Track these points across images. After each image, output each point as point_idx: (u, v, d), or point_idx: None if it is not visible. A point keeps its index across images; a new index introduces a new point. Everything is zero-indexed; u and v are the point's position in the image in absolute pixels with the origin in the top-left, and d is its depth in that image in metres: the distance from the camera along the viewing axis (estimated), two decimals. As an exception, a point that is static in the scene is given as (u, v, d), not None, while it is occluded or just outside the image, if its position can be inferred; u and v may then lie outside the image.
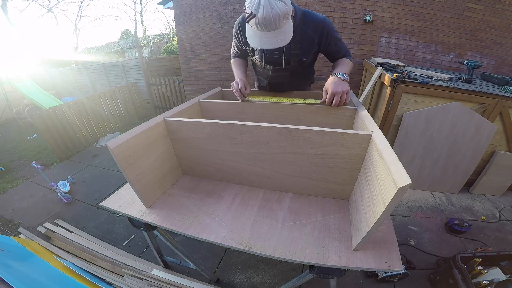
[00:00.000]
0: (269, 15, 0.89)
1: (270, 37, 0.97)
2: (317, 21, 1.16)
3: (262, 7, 0.88)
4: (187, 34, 3.91)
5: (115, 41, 15.99)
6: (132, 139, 0.87)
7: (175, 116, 1.13)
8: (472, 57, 2.98)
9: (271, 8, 0.88)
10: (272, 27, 0.93)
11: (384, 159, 0.65)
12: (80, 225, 2.10)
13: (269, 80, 1.44)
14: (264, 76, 1.46)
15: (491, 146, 2.10)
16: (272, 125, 0.89)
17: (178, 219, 0.93)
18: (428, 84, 1.88)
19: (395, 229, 0.85)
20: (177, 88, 4.79)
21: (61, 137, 3.43)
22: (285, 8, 0.91)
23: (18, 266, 1.31)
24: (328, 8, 3.00)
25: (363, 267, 0.71)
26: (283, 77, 1.39)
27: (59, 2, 13.31)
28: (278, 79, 1.41)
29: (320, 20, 1.16)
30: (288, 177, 1.01)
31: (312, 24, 1.15)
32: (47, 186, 2.62)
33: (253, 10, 0.90)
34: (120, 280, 1.40)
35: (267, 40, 0.98)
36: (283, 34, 0.98)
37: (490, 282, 1.26)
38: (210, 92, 1.59)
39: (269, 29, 0.94)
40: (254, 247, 0.79)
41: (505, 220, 2.03)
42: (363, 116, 1.02)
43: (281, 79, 1.40)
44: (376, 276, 1.51)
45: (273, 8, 0.88)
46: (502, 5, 2.72)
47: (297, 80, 1.44)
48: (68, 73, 6.49)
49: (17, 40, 13.10)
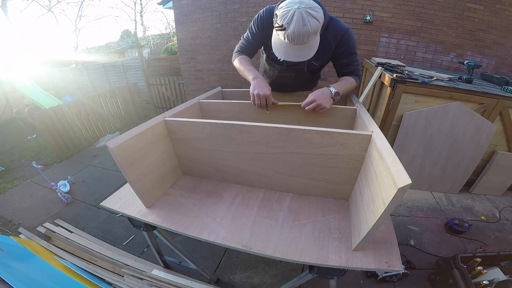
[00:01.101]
0: (299, 32, 0.88)
1: (295, 50, 0.97)
2: (340, 29, 1.15)
3: (295, 23, 0.87)
4: (187, 34, 3.90)
5: (115, 41, 16.00)
6: (132, 139, 0.87)
7: (175, 116, 1.13)
8: (472, 57, 2.98)
9: (303, 25, 0.87)
10: (299, 42, 0.93)
11: (384, 159, 0.65)
12: (80, 225, 2.10)
13: (273, 80, 1.44)
14: (270, 74, 1.45)
15: (491, 146, 2.10)
16: (272, 125, 0.89)
17: (178, 219, 0.93)
18: (428, 84, 1.88)
19: (395, 229, 0.85)
20: (177, 88, 4.79)
21: (61, 137, 3.43)
22: (317, 25, 0.90)
23: (18, 266, 1.31)
24: (328, 8, 2.98)
25: (363, 267, 0.71)
26: (288, 78, 1.38)
27: (59, 2, 13.31)
28: (283, 79, 1.40)
29: (344, 29, 1.15)
30: (288, 177, 1.01)
31: (334, 31, 1.14)
32: (47, 186, 2.62)
33: (284, 23, 0.88)
34: (120, 280, 1.40)
35: (292, 52, 0.98)
36: (308, 50, 0.98)
37: (490, 282, 1.26)
38: (210, 92, 1.59)
39: (295, 43, 0.93)
40: (254, 247, 0.79)
41: (505, 220, 2.03)
42: (363, 116, 1.02)
43: (286, 80, 1.40)
44: (376, 276, 1.51)
45: (305, 25, 0.87)
46: (502, 5, 2.72)
47: (300, 83, 1.44)
48: (68, 73, 6.49)
49: (17, 40, 13.10)
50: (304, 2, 0.88)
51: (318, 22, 0.90)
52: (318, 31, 0.94)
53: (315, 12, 0.88)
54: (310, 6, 0.88)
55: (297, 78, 1.36)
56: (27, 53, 9.91)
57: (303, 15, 0.86)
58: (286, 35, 0.91)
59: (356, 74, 1.28)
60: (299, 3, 0.87)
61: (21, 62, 6.92)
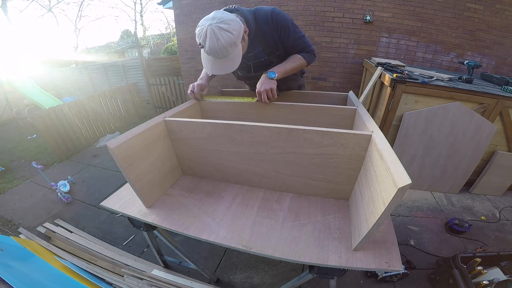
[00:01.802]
0: (215, 47, 0.94)
1: (220, 63, 1.04)
2: (265, 15, 1.15)
3: (209, 40, 0.93)
4: (187, 34, 3.90)
5: (115, 41, 16.00)
6: (132, 139, 0.87)
7: (175, 116, 1.13)
8: (472, 57, 2.98)
9: (217, 40, 0.93)
10: (220, 56, 0.99)
11: (384, 159, 0.65)
12: (80, 225, 2.10)
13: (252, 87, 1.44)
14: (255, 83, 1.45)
15: (491, 146, 2.10)
16: (272, 125, 0.89)
17: (178, 219, 0.93)
18: (428, 84, 1.88)
19: (395, 229, 0.85)
20: (177, 88, 4.79)
21: (61, 137, 3.43)
22: (230, 38, 0.95)
23: (18, 266, 1.31)
24: (328, 8, 3.00)
25: (363, 267, 0.71)
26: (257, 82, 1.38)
27: (59, 2, 13.31)
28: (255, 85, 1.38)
29: (268, 12, 1.15)
30: (288, 177, 1.01)
31: (263, 20, 1.16)
32: (47, 186, 2.62)
33: (201, 41, 0.96)
34: (120, 280, 1.40)
35: (217, 66, 1.06)
36: (231, 61, 1.04)
37: (490, 282, 1.26)
38: (210, 92, 1.59)
39: (218, 57, 1.01)
40: (254, 247, 0.79)
41: (505, 220, 2.03)
42: (363, 116, 1.02)
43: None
44: (376, 276, 1.51)
45: (218, 40, 0.93)
46: (502, 5, 2.72)
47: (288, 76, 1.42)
48: (68, 73, 6.48)
49: (17, 40, 13.10)
50: (216, 18, 0.94)
51: (232, 34, 0.95)
52: (236, 42, 0.98)
53: (226, 25, 0.93)
54: (222, 20, 0.93)
55: None
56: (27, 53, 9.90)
57: (214, 31, 0.92)
58: (206, 51, 0.98)
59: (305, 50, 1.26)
60: (211, 19, 0.93)
61: (21, 62, 6.91)
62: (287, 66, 1.24)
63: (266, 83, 1.17)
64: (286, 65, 1.24)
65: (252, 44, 1.18)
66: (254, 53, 1.25)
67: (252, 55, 1.26)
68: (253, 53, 1.25)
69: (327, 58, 3.24)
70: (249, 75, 1.39)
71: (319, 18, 3.05)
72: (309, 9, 3.06)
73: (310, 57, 1.29)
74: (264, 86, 1.17)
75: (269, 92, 1.16)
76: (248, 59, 1.28)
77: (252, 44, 1.19)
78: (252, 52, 1.24)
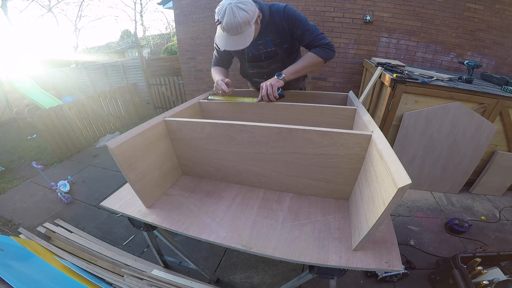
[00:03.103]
0: (231, 23, 1.04)
1: (233, 40, 1.12)
2: (279, 8, 1.25)
3: (226, 16, 1.03)
4: (187, 34, 3.90)
5: (115, 41, 15.99)
6: (132, 139, 0.87)
7: (175, 116, 1.13)
8: (472, 57, 2.98)
9: (234, 17, 1.03)
10: (235, 32, 1.08)
11: (384, 159, 0.65)
12: (80, 225, 2.10)
13: (266, 77, 1.44)
14: (260, 75, 1.50)
15: (491, 146, 2.10)
16: (272, 125, 0.89)
17: (178, 219, 0.93)
18: (428, 84, 1.87)
19: (395, 229, 0.84)
20: (177, 88, 4.79)
21: (61, 137, 3.43)
22: (246, 17, 1.05)
23: (18, 266, 1.30)
24: (328, 8, 3.00)
25: (363, 267, 0.71)
26: (277, 69, 1.39)
27: (59, 2, 13.30)
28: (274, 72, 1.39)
29: (282, 6, 1.25)
30: (288, 177, 1.01)
31: (277, 13, 1.25)
32: (47, 186, 2.62)
33: (219, 17, 1.06)
34: (120, 280, 1.40)
35: (230, 42, 1.13)
36: (244, 39, 1.11)
37: (490, 282, 1.26)
38: (210, 92, 1.59)
39: (232, 34, 1.09)
40: (254, 247, 0.79)
41: (505, 220, 2.03)
42: (363, 116, 1.02)
43: (261, 75, 1.49)
44: (376, 276, 1.51)
45: (235, 17, 1.03)
46: (502, 5, 2.72)
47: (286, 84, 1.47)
48: (68, 73, 6.48)
49: (17, 40, 13.10)
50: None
51: (248, 13, 1.05)
52: (250, 21, 1.08)
53: (244, 5, 1.04)
54: (241, 1, 1.04)
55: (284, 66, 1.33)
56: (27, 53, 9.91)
57: (233, 9, 1.03)
58: (222, 27, 1.07)
59: (316, 45, 1.28)
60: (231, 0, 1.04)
61: (21, 62, 6.91)
62: (297, 65, 1.28)
63: (270, 80, 1.23)
64: (296, 65, 1.28)
65: (263, 32, 1.26)
66: (263, 41, 1.31)
67: (261, 43, 1.32)
68: (262, 41, 1.32)
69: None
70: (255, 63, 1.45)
71: (319, 18, 3.05)
72: (309, 9, 3.05)
73: (326, 51, 1.26)
74: (267, 82, 1.23)
75: (269, 87, 1.20)
76: (257, 48, 1.35)
77: (264, 32, 1.26)
78: (262, 40, 1.31)
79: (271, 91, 1.20)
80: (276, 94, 1.21)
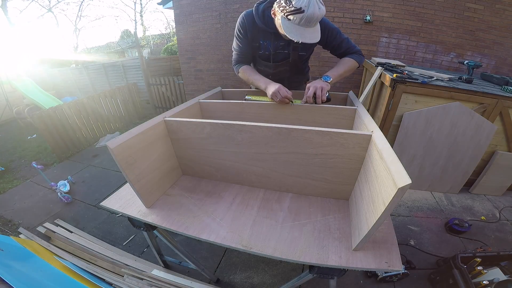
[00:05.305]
0: (316, 14, 1.00)
1: (310, 33, 1.07)
2: None
3: (312, 6, 0.98)
4: (187, 34, 3.90)
5: (115, 41, 15.98)
6: (132, 139, 0.87)
7: (175, 116, 1.13)
8: (472, 57, 2.98)
9: (319, 8, 1.00)
10: (312, 25, 1.04)
11: (384, 159, 0.65)
12: (80, 225, 2.10)
13: (271, 78, 1.45)
14: (266, 73, 1.48)
15: (491, 146, 2.10)
16: (272, 125, 0.89)
17: (178, 219, 0.93)
18: (428, 84, 1.87)
19: (395, 229, 0.85)
20: (177, 88, 4.79)
21: (61, 137, 3.43)
22: (324, 11, 1.03)
23: (18, 266, 1.30)
24: (328, 8, 2.99)
25: (363, 267, 0.71)
26: (284, 73, 1.44)
27: (59, 2, 13.28)
28: (280, 75, 1.45)
29: None
30: (288, 177, 1.01)
31: None
32: (47, 186, 2.62)
33: (302, 6, 0.98)
34: (120, 280, 1.40)
35: (307, 35, 1.07)
36: (317, 32, 1.09)
37: (490, 282, 1.26)
38: (210, 92, 1.59)
39: (309, 26, 1.04)
40: (254, 247, 0.79)
41: (505, 220, 2.03)
42: (363, 116, 1.02)
43: (282, 74, 1.47)
44: (376, 276, 1.51)
45: (320, 9, 1.00)
46: (502, 5, 2.72)
47: (295, 76, 1.52)
48: (68, 73, 6.48)
49: (17, 40, 13.09)
50: None
51: (325, 8, 1.03)
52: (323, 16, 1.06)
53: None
54: None
55: (291, 71, 1.44)
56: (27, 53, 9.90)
57: (317, 1, 1.00)
58: (303, 17, 1.00)
59: (351, 52, 1.33)
60: None
61: (21, 62, 6.91)
62: (340, 69, 1.28)
63: (318, 83, 1.21)
64: (339, 69, 1.28)
65: None
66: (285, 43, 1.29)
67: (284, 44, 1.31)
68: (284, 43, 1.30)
69: (327, 58, 3.24)
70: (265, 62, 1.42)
71: (319, 18, 3.05)
72: (309, 9, 3.05)
73: (361, 57, 1.35)
74: (319, 83, 1.20)
75: (319, 89, 1.18)
76: (277, 47, 1.32)
77: None
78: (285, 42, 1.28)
79: (320, 94, 1.18)
80: (324, 98, 1.20)
